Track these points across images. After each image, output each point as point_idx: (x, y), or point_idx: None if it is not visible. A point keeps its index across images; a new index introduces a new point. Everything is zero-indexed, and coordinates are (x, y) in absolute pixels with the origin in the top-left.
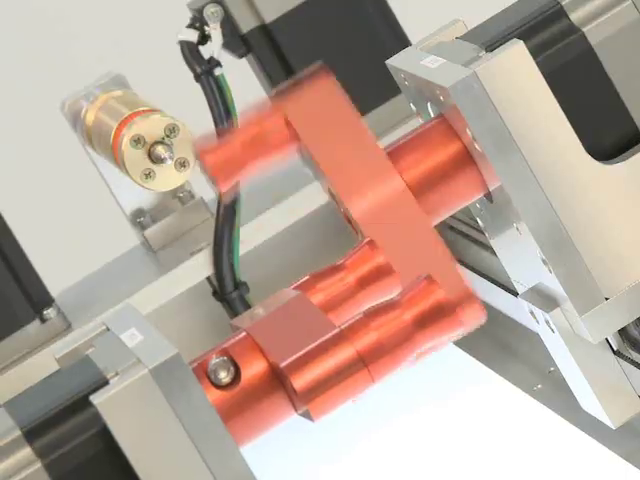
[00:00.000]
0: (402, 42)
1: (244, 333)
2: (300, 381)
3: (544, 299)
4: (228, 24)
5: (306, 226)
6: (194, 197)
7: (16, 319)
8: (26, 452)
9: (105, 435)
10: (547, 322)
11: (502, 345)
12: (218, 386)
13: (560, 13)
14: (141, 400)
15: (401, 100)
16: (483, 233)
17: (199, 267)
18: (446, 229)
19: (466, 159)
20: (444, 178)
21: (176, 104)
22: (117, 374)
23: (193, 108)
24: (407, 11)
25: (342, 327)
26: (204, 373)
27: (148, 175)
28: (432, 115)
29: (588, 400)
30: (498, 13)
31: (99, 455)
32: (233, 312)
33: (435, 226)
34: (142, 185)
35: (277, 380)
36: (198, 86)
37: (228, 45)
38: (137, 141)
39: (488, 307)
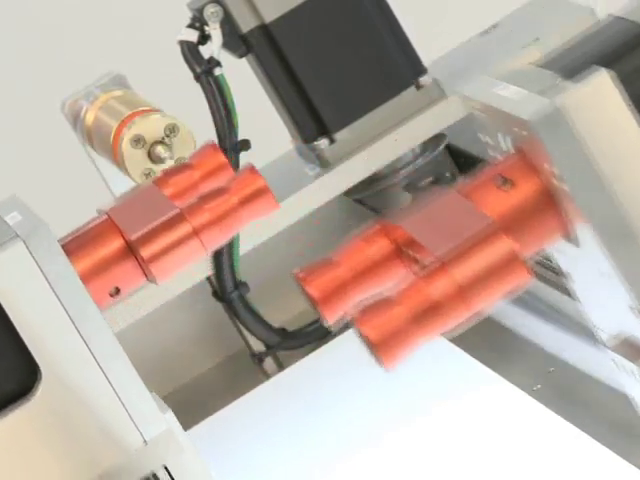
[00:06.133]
0: (402, 42)
1: (105, 215)
2: None
3: (631, 349)
4: (228, 24)
5: (306, 226)
6: None
7: None
8: None
9: None
10: (635, 373)
11: (502, 345)
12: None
13: None
14: (17, 265)
15: (400, 100)
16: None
17: (199, 267)
18: None
19: (547, 198)
20: (522, 219)
21: (176, 104)
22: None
23: (193, 108)
24: (407, 11)
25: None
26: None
27: (148, 175)
28: (506, 148)
29: None
30: (576, 37)
31: None
32: (233, 312)
33: None
34: None
35: (131, 253)
36: (198, 86)
37: (228, 45)
38: (137, 141)
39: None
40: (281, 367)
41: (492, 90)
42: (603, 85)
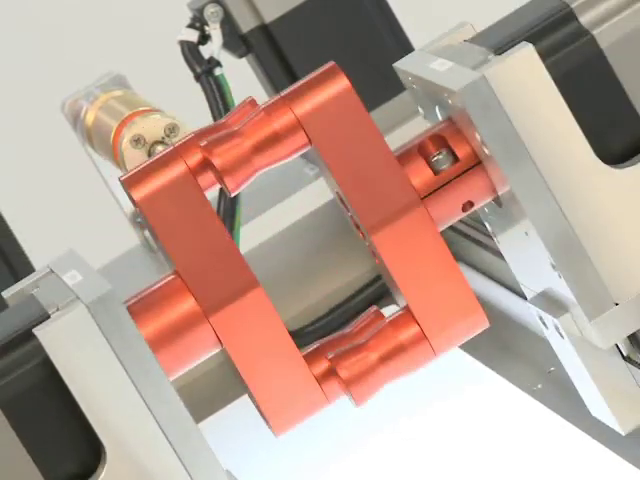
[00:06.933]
0: (402, 42)
1: (174, 275)
2: None
3: (553, 304)
4: (228, 24)
5: (306, 226)
6: None
7: None
8: None
9: (47, 365)
10: (556, 327)
11: (502, 345)
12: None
13: (570, 16)
14: (79, 332)
15: (400, 101)
16: (489, 236)
17: None
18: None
19: (474, 163)
20: (452, 182)
21: (176, 104)
22: (58, 309)
23: (193, 108)
24: (407, 11)
25: None
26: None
27: None
28: (439, 118)
29: (597, 406)
30: (507, 16)
31: (41, 383)
32: None
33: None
34: None
35: (202, 316)
36: (198, 86)
37: (228, 45)
38: (137, 141)
39: (488, 306)
40: None
41: (427, 64)
42: (527, 59)
